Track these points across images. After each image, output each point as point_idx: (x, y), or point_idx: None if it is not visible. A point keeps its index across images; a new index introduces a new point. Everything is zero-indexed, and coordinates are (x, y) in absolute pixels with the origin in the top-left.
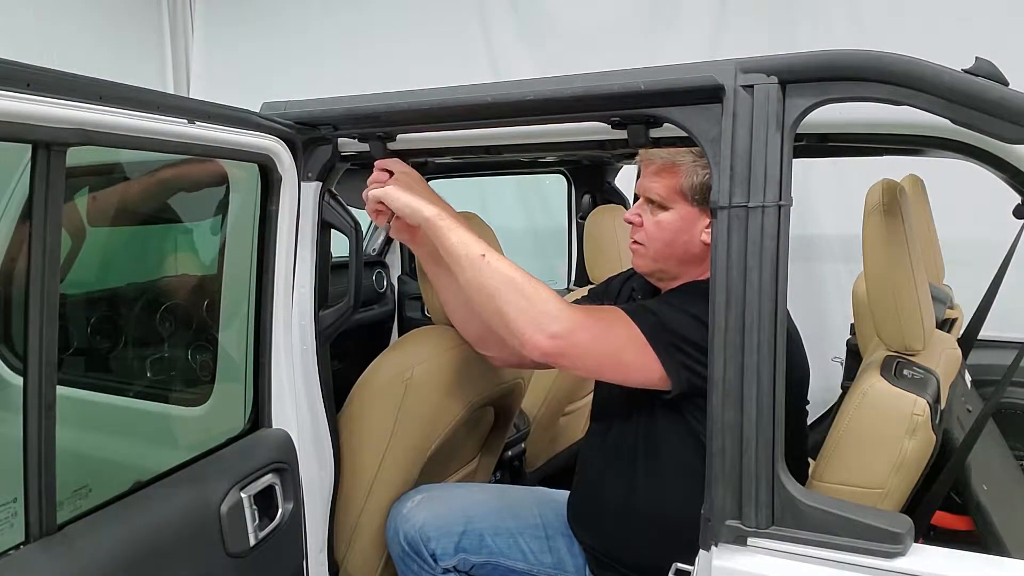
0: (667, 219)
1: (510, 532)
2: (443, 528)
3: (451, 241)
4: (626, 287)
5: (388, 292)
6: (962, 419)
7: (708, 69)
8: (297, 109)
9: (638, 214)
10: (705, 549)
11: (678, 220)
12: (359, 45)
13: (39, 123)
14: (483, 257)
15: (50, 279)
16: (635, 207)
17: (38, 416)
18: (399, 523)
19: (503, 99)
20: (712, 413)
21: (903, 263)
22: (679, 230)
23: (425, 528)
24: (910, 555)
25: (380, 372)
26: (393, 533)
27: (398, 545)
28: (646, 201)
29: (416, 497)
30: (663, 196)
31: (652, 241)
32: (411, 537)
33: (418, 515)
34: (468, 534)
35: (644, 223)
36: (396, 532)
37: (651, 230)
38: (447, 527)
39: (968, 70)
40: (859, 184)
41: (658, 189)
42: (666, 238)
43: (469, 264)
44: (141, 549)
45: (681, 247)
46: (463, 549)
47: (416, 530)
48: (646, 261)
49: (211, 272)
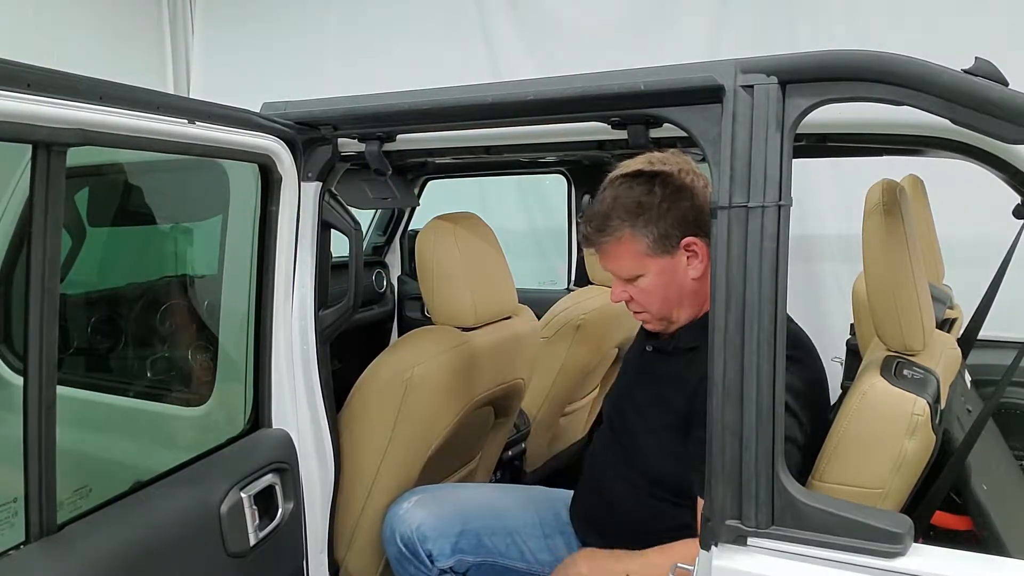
0: (649, 283)
1: (507, 532)
2: (440, 529)
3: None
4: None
5: (388, 292)
6: (962, 419)
7: (708, 69)
8: (297, 109)
9: (623, 291)
10: (705, 549)
11: (659, 277)
12: (359, 45)
13: (39, 123)
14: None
15: (50, 279)
16: (615, 287)
17: (38, 416)
18: (395, 524)
19: (503, 99)
20: (712, 413)
21: (903, 263)
22: (666, 284)
23: (421, 528)
24: (910, 555)
25: (380, 372)
26: (390, 533)
27: (394, 546)
28: (621, 279)
29: (412, 498)
30: (633, 269)
31: (649, 305)
32: (407, 538)
33: (414, 516)
34: (465, 534)
35: (632, 296)
36: (392, 533)
37: (642, 299)
38: (444, 528)
39: (968, 70)
40: (859, 184)
41: (624, 268)
42: (659, 296)
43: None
44: (141, 549)
45: (676, 294)
46: (460, 550)
47: (412, 531)
48: (654, 322)
49: (211, 272)
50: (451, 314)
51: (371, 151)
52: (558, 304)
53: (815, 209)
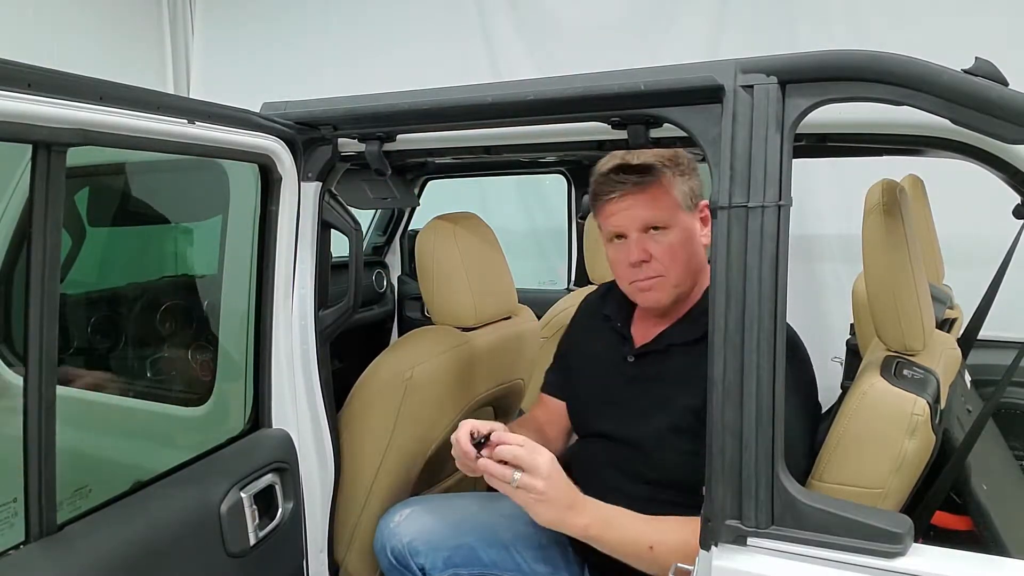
0: (675, 239)
1: (503, 544)
2: (432, 543)
3: (611, 546)
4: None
5: (388, 292)
6: (962, 419)
7: (708, 69)
8: (297, 109)
9: (644, 249)
10: (705, 549)
11: (683, 233)
12: (359, 45)
13: (39, 123)
14: (651, 550)
15: (50, 279)
16: (635, 244)
17: (38, 416)
18: (386, 537)
19: (503, 99)
20: (712, 413)
21: (903, 263)
22: (689, 242)
23: (414, 543)
24: (910, 555)
25: (380, 372)
26: (380, 547)
27: (386, 559)
28: (642, 231)
29: (404, 511)
30: (666, 219)
31: (672, 267)
32: (398, 552)
33: (406, 529)
34: (459, 548)
35: (654, 255)
36: (384, 547)
37: (665, 258)
38: (437, 541)
39: (968, 70)
40: (859, 184)
41: (659, 216)
42: (683, 258)
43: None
44: (141, 549)
45: (695, 259)
46: (454, 563)
47: (404, 545)
48: (666, 292)
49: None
50: (451, 314)
51: (371, 151)
52: (558, 304)
53: (815, 209)
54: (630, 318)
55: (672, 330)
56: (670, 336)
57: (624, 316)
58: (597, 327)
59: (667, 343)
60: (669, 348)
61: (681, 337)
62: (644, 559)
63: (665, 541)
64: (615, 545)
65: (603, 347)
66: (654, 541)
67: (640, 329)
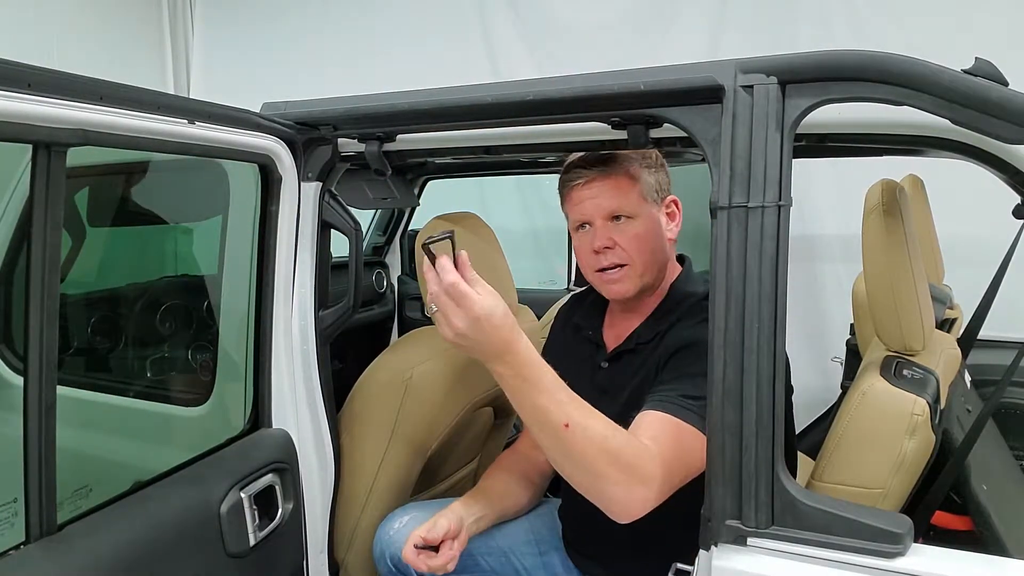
0: (641, 229)
1: (502, 551)
2: None
3: (524, 408)
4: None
5: (388, 292)
6: (962, 419)
7: (708, 69)
8: (297, 109)
9: (609, 237)
10: (705, 549)
11: (649, 223)
12: (359, 45)
13: (39, 123)
14: (567, 427)
15: (50, 279)
16: (600, 231)
17: (38, 416)
18: (385, 544)
19: (503, 99)
20: (712, 413)
21: (903, 263)
22: (654, 233)
23: None
24: (910, 555)
25: (380, 372)
26: (379, 554)
27: (385, 565)
28: (608, 219)
29: (403, 517)
30: (631, 208)
31: (637, 256)
32: (397, 559)
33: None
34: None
35: (619, 243)
36: (383, 553)
37: (631, 247)
38: None
39: (968, 70)
40: (859, 184)
41: (624, 205)
42: (648, 248)
43: (543, 430)
44: (141, 549)
45: (660, 252)
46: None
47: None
48: (632, 282)
49: (211, 272)
50: None
51: (371, 151)
52: (558, 304)
53: (815, 209)
54: (602, 324)
55: (641, 329)
56: (639, 335)
57: (595, 324)
58: (569, 339)
59: (636, 342)
60: (639, 347)
61: (648, 335)
62: (554, 434)
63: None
64: (530, 410)
65: (577, 359)
66: (573, 421)
67: (612, 333)
